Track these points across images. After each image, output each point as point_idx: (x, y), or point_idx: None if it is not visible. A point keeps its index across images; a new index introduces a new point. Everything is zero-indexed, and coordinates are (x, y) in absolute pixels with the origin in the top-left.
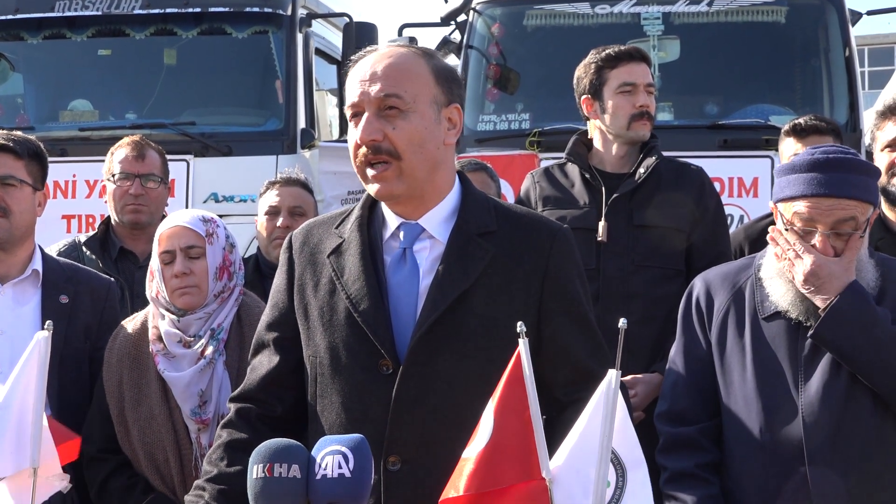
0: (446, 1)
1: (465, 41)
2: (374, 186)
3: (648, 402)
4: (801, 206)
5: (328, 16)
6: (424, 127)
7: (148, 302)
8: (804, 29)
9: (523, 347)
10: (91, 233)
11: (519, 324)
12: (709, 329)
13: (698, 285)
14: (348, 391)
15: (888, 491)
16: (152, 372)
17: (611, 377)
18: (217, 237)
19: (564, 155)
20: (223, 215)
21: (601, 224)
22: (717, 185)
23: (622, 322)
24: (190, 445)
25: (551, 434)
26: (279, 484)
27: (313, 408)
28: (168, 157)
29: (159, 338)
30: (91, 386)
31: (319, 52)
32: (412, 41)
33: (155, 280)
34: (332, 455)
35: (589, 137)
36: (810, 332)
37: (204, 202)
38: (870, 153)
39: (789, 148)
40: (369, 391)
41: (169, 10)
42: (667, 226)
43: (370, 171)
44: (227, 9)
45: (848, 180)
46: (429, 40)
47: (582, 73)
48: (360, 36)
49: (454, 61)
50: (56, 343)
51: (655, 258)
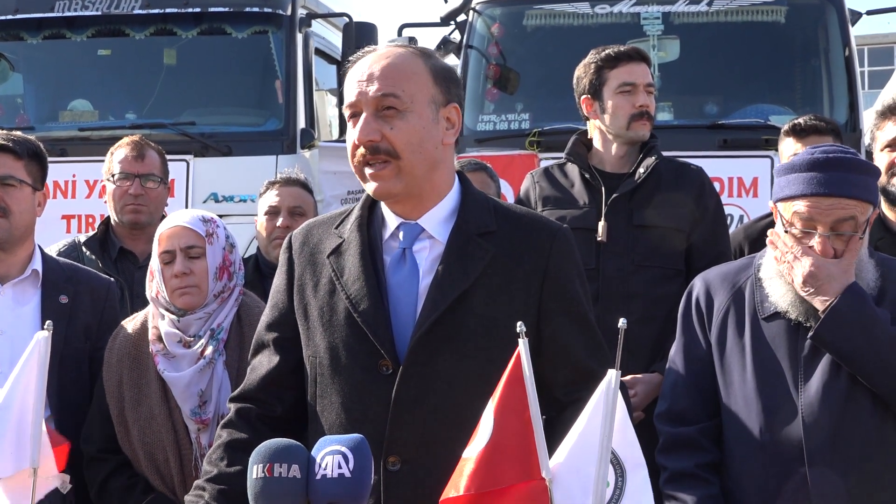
0: (446, 1)
1: (465, 41)
2: (372, 185)
3: (648, 402)
4: (801, 206)
5: (328, 16)
6: (422, 126)
7: (148, 302)
8: (804, 29)
9: (523, 347)
10: (91, 233)
11: (519, 324)
12: (709, 329)
13: (698, 285)
14: (348, 391)
15: (888, 491)
16: (152, 372)
17: (611, 377)
18: (217, 237)
19: (564, 155)
20: (223, 215)
21: (601, 224)
22: (717, 185)
23: (622, 322)
24: (190, 445)
25: (551, 434)
26: (279, 484)
27: (313, 408)
28: (168, 157)
29: (159, 338)
30: (91, 386)
31: (319, 52)
32: (412, 41)
33: (155, 280)
34: (332, 455)
35: (589, 137)
36: (810, 334)
37: (204, 202)
38: (870, 153)
39: (789, 148)
40: (369, 391)
41: (169, 10)
42: (666, 226)
43: (368, 170)
44: (227, 9)
45: (848, 180)
46: (429, 40)
47: (582, 73)
48: (360, 36)
49: (454, 61)
50: (56, 343)
51: (655, 258)
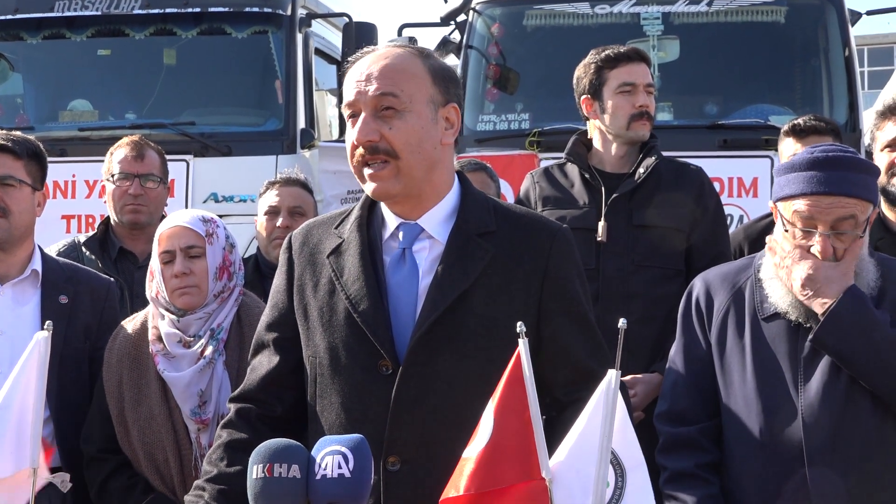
0: (446, 1)
1: (465, 41)
2: (371, 186)
3: (648, 402)
4: (801, 205)
5: (328, 16)
6: (421, 126)
7: (147, 302)
8: (804, 29)
9: (523, 347)
10: (90, 233)
11: (519, 324)
12: (708, 329)
13: (698, 285)
14: (348, 391)
15: (888, 491)
16: (152, 372)
17: (611, 377)
18: (217, 237)
19: (564, 155)
20: (223, 215)
21: (601, 224)
22: (717, 185)
23: (622, 322)
24: (190, 445)
25: (551, 434)
26: (279, 484)
27: (313, 408)
28: (168, 157)
29: (159, 338)
30: (91, 386)
31: (319, 52)
32: (412, 41)
33: (155, 280)
34: (332, 455)
35: (588, 137)
36: (810, 337)
37: (203, 202)
38: (869, 153)
39: (789, 148)
40: (369, 391)
41: (169, 10)
42: (666, 226)
43: (367, 171)
44: (227, 9)
45: (847, 178)
46: (429, 40)
47: (581, 74)
48: (360, 36)
49: (454, 61)
50: (56, 343)
51: (655, 258)
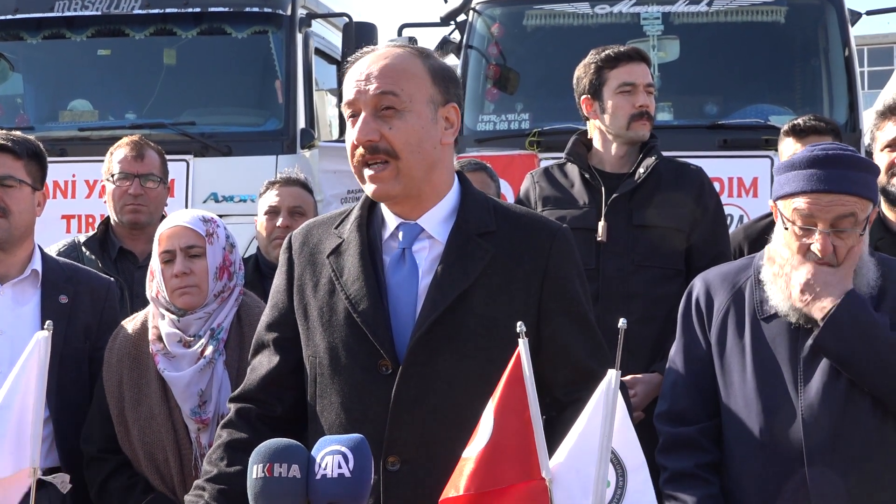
0: (446, 1)
1: (465, 41)
2: (371, 187)
3: (648, 402)
4: (801, 203)
5: (328, 16)
6: (421, 126)
7: (148, 302)
8: (804, 29)
9: (523, 347)
10: (90, 233)
11: (519, 324)
12: (708, 329)
13: (698, 285)
14: (348, 391)
15: (888, 491)
16: (152, 372)
17: (611, 377)
18: (217, 237)
19: (564, 155)
20: (223, 215)
21: (601, 224)
22: (717, 185)
23: (622, 322)
24: (190, 445)
25: (551, 434)
26: (279, 484)
27: (313, 408)
28: (168, 157)
29: (159, 337)
30: (91, 386)
31: (319, 52)
32: (412, 41)
33: (155, 280)
34: (332, 455)
35: (588, 137)
36: (810, 342)
37: (204, 202)
38: (869, 153)
39: (788, 148)
40: (369, 391)
41: (169, 10)
42: (666, 226)
43: (367, 172)
44: (227, 9)
45: (847, 176)
46: (429, 40)
47: (582, 73)
48: (360, 36)
49: (454, 61)
50: (56, 343)
51: (655, 258)
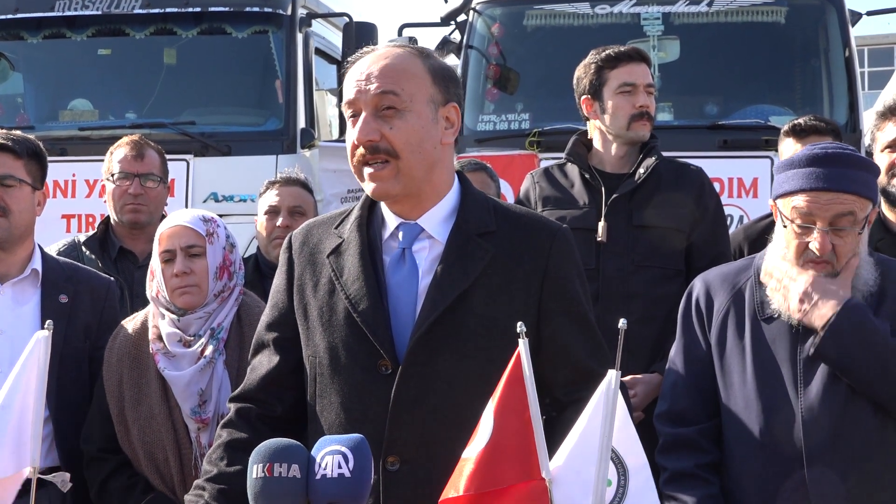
0: (446, 1)
1: (465, 41)
2: (371, 186)
3: (648, 402)
4: (800, 201)
5: (328, 16)
6: (422, 126)
7: (148, 301)
8: (804, 29)
9: (523, 347)
10: (90, 232)
11: (519, 324)
12: (708, 330)
13: (698, 286)
14: (348, 391)
15: (888, 491)
16: (152, 371)
17: (611, 377)
18: (217, 237)
19: (564, 155)
20: (223, 215)
21: (601, 224)
22: (717, 186)
23: (622, 322)
24: (190, 445)
25: (551, 434)
26: (279, 484)
27: (313, 408)
28: (168, 157)
29: (159, 337)
30: (91, 385)
31: (319, 52)
32: (412, 41)
33: (155, 279)
34: (332, 455)
35: (589, 138)
36: (811, 351)
37: (204, 202)
38: (870, 154)
39: (789, 148)
40: (369, 391)
41: (169, 10)
42: (666, 226)
43: (367, 170)
44: (227, 8)
45: (846, 175)
46: (429, 40)
47: (582, 74)
48: (360, 36)
49: (454, 61)
50: (56, 342)
51: (655, 258)
